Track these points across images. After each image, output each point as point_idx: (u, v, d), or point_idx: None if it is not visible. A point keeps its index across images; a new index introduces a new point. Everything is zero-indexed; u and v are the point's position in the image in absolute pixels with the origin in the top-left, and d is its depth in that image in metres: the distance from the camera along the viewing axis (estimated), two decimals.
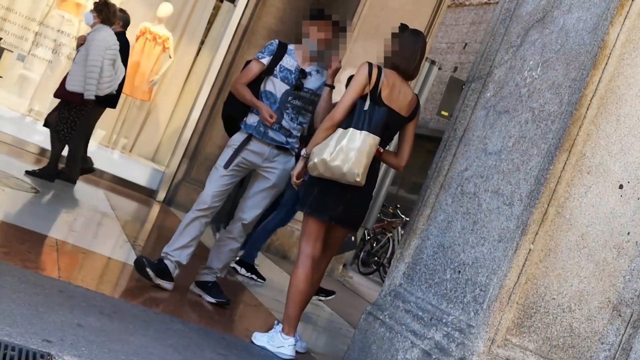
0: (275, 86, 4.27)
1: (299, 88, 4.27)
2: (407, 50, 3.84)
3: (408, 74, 3.89)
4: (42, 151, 8.08)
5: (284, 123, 4.27)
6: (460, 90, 4.06)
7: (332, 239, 3.98)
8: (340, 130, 3.72)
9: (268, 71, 4.28)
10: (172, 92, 9.59)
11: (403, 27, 3.92)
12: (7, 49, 8.69)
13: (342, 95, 3.80)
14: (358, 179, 3.65)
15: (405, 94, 3.85)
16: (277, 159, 4.33)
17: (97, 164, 8.36)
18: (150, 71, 9.22)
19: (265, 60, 4.29)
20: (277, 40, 4.40)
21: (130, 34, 9.28)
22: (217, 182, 4.29)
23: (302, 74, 4.29)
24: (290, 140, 4.33)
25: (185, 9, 9.64)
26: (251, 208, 4.36)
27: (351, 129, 3.68)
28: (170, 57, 9.34)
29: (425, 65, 8.74)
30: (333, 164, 3.64)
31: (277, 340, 3.78)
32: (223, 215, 6.08)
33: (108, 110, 7.34)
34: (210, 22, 9.61)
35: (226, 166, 4.27)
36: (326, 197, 3.79)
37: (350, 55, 7.88)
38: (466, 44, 16.83)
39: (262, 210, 4.41)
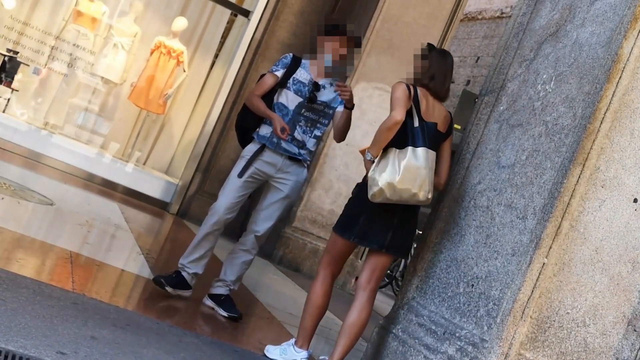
0: (289, 98, 4.31)
1: (312, 100, 4.30)
2: (437, 71, 3.76)
3: (440, 96, 3.78)
4: (58, 164, 8.14)
5: (296, 135, 4.31)
6: (473, 103, 4.06)
7: (378, 265, 3.77)
8: (395, 150, 3.56)
9: (281, 84, 4.32)
10: (186, 105, 9.64)
11: (430, 47, 3.85)
12: (24, 63, 8.79)
13: (394, 107, 3.58)
14: (430, 196, 3.53)
15: (439, 110, 3.76)
16: (290, 170, 4.35)
17: (112, 176, 8.43)
18: (165, 85, 9.28)
19: (279, 73, 4.34)
20: (291, 54, 4.46)
21: (145, 48, 9.41)
22: (230, 193, 4.32)
23: (316, 86, 4.32)
24: (302, 151, 4.36)
25: (200, 23, 9.71)
26: (264, 220, 4.38)
27: (409, 148, 3.52)
28: (184, 71, 9.40)
29: None
30: (402, 186, 3.48)
31: (289, 353, 3.78)
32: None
33: (122, 123, 7.37)
34: (224, 36, 9.68)
35: (240, 175, 4.30)
36: (374, 225, 3.65)
37: (364, 69, 7.91)
38: (479, 58, 16.83)
39: (275, 222, 4.43)
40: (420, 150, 3.53)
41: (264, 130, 4.34)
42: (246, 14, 8.69)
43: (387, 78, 7.73)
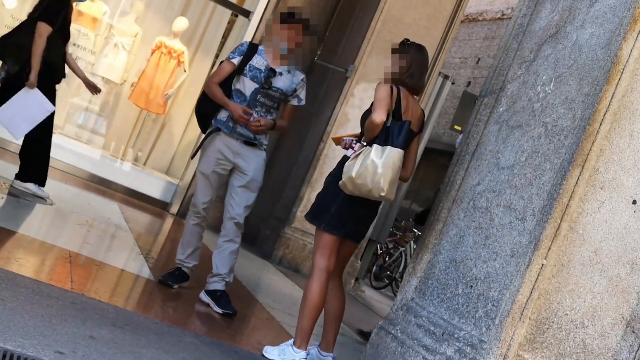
0: (245, 85, 4.41)
1: (268, 86, 4.39)
2: (416, 67, 3.89)
3: (417, 90, 3.94)
4: (58, 164, 8.14)
5: (252, 120, 4.38)
6: (473, 104, 4.07)
7: (343, 252, 3.98)
8: (365, 148, 3.72)
9: (238, 70, 4.42)
10: (186, 105, 9.64)
11: (407, 43, 3.95)
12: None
13: (375, 108, 3.73)
14: (383, 194, 3.65)
15: (415, 109, 3.89)
16: (248, 154, 4.45)
17: (112, 176, 8.44)
18: (165, 85, 9.28)
19: (236, 60, 4.44)
20: (247, 41, 4.61)
21: (146, 48, 9.42)
22: (201, 184, 4.50)
23: (272, 72, 4.40)
24: (258, 136, 4.45)
25: (200, 23, 9.71)
26: (237, 204, 4.46)
27: (374, 145, 3.67)
28: (185, 71, 9.41)
29: (438, 80, 8.75)
30: (359, 181, 3.65)
31: (288, 354, 3.78)
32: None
33: (123, 124, 7.36)
34: (225, 37, 9.68)
35: (191, 156, 4.49)
36: (343, 214, 3.80)
37: (364, 69, 7.91)
38: (479, 59, 16.84)
39: (250, 204, 4.50)
40: (383, 149, 3.66)
41: (222, 114, 4.46)
42: (247, 14, 8.69)
43: None
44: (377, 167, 3.62)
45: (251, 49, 4.45)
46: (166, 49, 9.26)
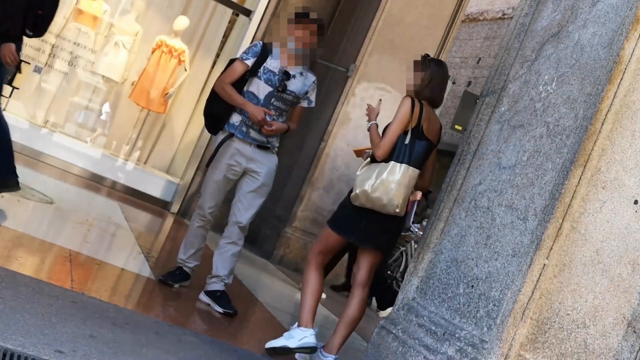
0: (259, 88, 4.35)
1: (283, 89, 4.34)
2: (436, 80, 4.00)
3: (436, 103, 4.05)
4: (58, 163, 8.14)
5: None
6: (474, 104, 4.08)
7: (368, 261, 4.03)
8: (382, 163, 3.83)
9: (252, 72, 4.36)
10: (187, 104, 9.64)
11: (427, 57, 4.05)
12: (24, 61, 8.75)
13: (387, 130, 3.89)
14: (397, 210, 3.80)
15: (435, 122, 4.00)
16: (260, 159, 4.41)
17: (112, 175, 8.43)
18: (166, 84, 9.28)
19: (250, 62, 4.37)
20: (261, 42, 4.51)
21: (147, 47, 9.41)
22: (209, 189, 4.46)
23: (286, 75, 4.34)
24: (271, 139, 4.42)
25: (201, 22, 9.71)
26: (245, 210, 4.43)
27: (392, 163, 3.80)
28: (185, 70, 9.39)
29: None
30: (374, 195, 3.77)
31: (297, 334, 3.77)
32: None
33: (123, 122, 7.36)
34: (226, 36, 9.68)
35: (207, 164, 4.43)
36: (373, 228, 3.91)
37: (365, 69, 7.90)
38: (480, 59, 16.83)
39: (257, 210, 4.48)
40: (400, 167, 3.79)
41: (234, 118, 4.39)
42: (248, 13, 8.69)
43: (389, 78, 7.74)
44: (392, 184, 3.75)
45: (264, 50, 4.38)
46: (167, 48, 9.25)
